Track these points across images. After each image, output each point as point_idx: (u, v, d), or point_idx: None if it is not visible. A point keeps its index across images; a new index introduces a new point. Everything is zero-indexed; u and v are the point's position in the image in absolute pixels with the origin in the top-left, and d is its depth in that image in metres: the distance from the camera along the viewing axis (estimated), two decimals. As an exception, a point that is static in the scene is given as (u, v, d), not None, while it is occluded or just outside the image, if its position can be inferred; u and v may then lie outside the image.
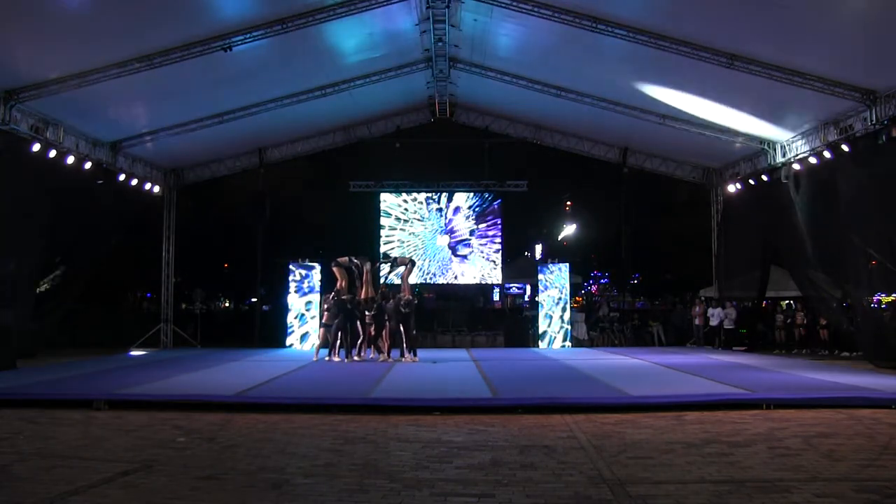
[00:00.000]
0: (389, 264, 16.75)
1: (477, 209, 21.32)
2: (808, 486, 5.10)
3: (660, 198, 29.11)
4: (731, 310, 18.54)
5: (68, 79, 12.63)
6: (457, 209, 21.39)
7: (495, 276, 21.45)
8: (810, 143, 15.02)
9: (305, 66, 15.47)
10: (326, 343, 14.82)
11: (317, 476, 5.53)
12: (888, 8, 10.34)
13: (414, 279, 16.21)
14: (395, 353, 14.56)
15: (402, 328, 14.31)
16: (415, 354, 14.39)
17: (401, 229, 21.20)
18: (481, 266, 21.21)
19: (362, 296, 14.85)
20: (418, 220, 21.29)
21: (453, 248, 21.24)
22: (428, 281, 21.43)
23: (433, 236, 21.26)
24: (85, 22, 11.48)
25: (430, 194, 21.44)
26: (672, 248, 30.64)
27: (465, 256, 21.21)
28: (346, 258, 15.22)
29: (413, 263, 16.32)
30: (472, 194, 21.38)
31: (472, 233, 21.25)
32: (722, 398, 8.97)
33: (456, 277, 21.28)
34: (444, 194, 21.47)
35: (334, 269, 15.18)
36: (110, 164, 16.51)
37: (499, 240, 21.31)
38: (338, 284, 14.89)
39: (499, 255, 21.32)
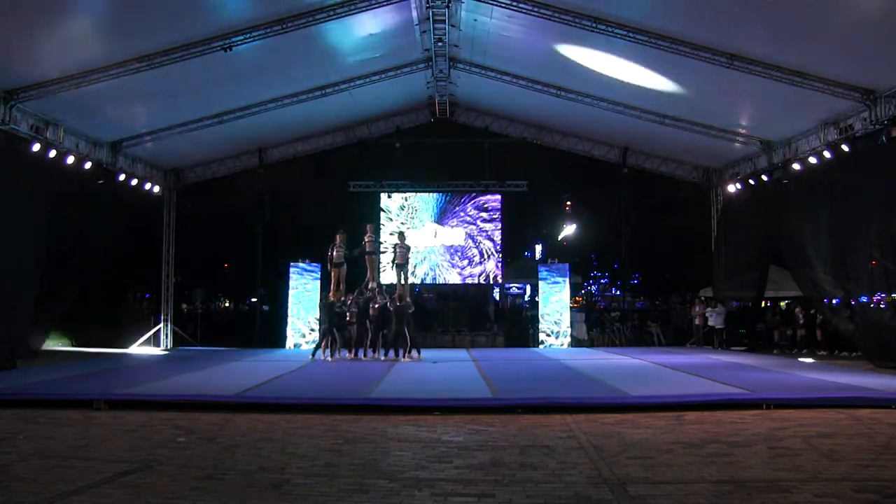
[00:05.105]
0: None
1: (476, 209, 21.32)
2: (808, 486, 5.10)
3: (660, 198, 29.06)
4: (721, 308, 18.67)
5: (68, 79, 12.62)
6: (456, 209, 21.40)
7: (495, 276, 21.45)
8: (810, 143, 15.01)
9: (305, 66, 15.48)
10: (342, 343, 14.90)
11: (317, 476, 5.53)
12: (888, 8, 10.35)
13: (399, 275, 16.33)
14: (391, 353, 14.58)
15: (388, 329, 14.49)
16: (385, 354, 14.46)
17: (398, 232, 21.18)
18: (481, 266, 21.20)
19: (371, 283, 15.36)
20: (417, 219, 21.30)
21: (453, 248, 21.24)
22: (427, 281, 21.46)
23: (432, 236, 21.27)
24: (85, 22, 11.48)
25: (429, 194, 21.46)
26: (672, 248, 30.59)
27: (464, 256, 21.22)
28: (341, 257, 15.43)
29: (401, 266, 15.84)
30: (472, 194, 21.39)
31: (471, 232, 21.25)
32: (722, 398, 8.97)
33: (455, 277, 21.29)
34: (443, 194, 21.48)
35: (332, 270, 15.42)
36: (110, 164, 16.51)
37: (499, 239, 21.31)
38: (331, 289, 15.12)
39: (499, 255, 21.32)
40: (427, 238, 21.27)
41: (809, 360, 15.15)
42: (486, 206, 21.35)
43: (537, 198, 24.88)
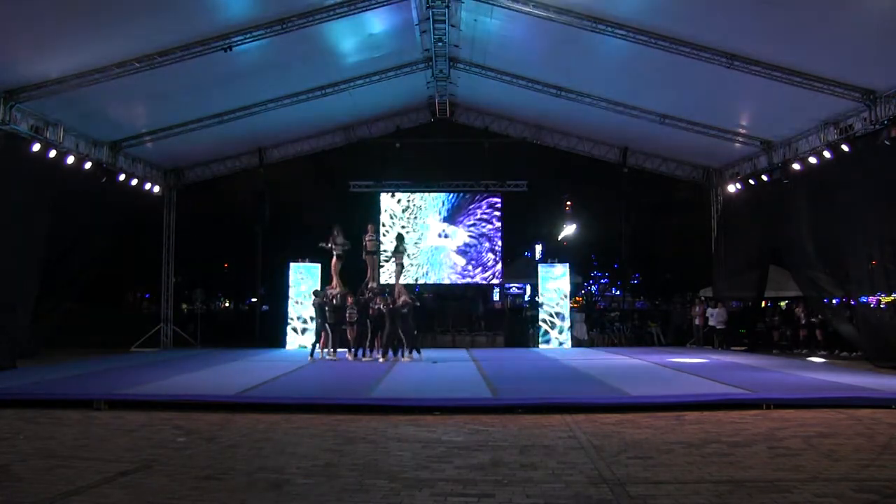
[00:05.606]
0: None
1: (477, 209, 21.32)
2: (808, 486, 5.11)
3: (660, 198, 29.08)
4: (721, 309, 18.67)
5: (68, 79, 12.61)
6: (456, 209, 21.39)
7: (495, 276, 21.46)
8: (810, 143, 15.01)
9: (305, 65, 15.46)
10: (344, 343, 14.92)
11: (317, 476, 5.53)
12: (888, 8, 10.35)
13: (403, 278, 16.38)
14: (390, 354, 14.54)
15: (383, 330, 14.51)
16: (383, 355, 14.37)
17: (397, 234, 21.22)
18: (481, 266, 21.20)
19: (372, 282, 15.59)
20: (417, 220, 21.30)
21: (452, 248, 21.23)
22: (426, 281, 21.45)
23: (432, 236, 21.27)
24: (85, 22, 11.46)
25: (429, 194, 21.45)
26: (672, 248, 30.64)
27: (464, 256, 21.22)
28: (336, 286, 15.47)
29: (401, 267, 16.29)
30: (471, 194, 21.38)
31: (471, 232, 21.25)
32: (722, 398, 8.97)
33: (455, 277, 21.29)
34: (443, 194, 21.48)
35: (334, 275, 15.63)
36: (110, 165, 16.50)
37: (498, 239, 21.30)
38: (333, 283, 15.20)
39: (498, 255, 21.32)
40: (428, 238, 21.26)
41: (809, 359, 15.15)
42: (485, 205, 21.34)
43: (537, 198, 24.92)
